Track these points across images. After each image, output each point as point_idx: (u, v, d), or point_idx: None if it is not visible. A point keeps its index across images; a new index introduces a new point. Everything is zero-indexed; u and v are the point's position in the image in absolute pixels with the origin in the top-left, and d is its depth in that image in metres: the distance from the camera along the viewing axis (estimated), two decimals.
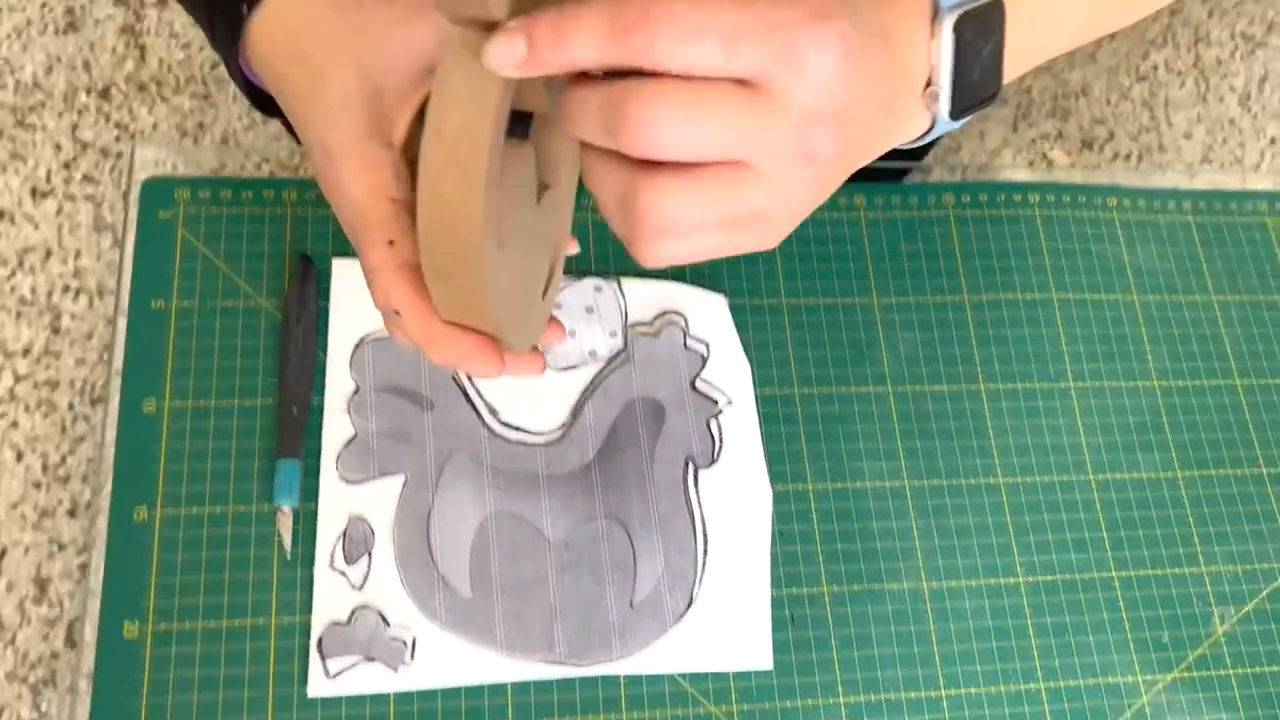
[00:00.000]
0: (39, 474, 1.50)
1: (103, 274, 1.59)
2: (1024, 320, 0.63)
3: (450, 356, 0.39)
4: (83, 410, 1.53)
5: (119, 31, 1.74)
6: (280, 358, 0.55)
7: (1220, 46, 2.04)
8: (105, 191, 1.64)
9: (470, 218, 0.33)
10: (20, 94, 1.69)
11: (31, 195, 1.63)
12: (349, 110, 0.39)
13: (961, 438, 0.60)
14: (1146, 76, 2.00)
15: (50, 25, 1.74)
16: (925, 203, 0.65)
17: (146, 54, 1.74)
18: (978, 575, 0.58)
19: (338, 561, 0.53)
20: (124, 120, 1.69)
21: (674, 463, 0.57)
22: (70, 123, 1.68)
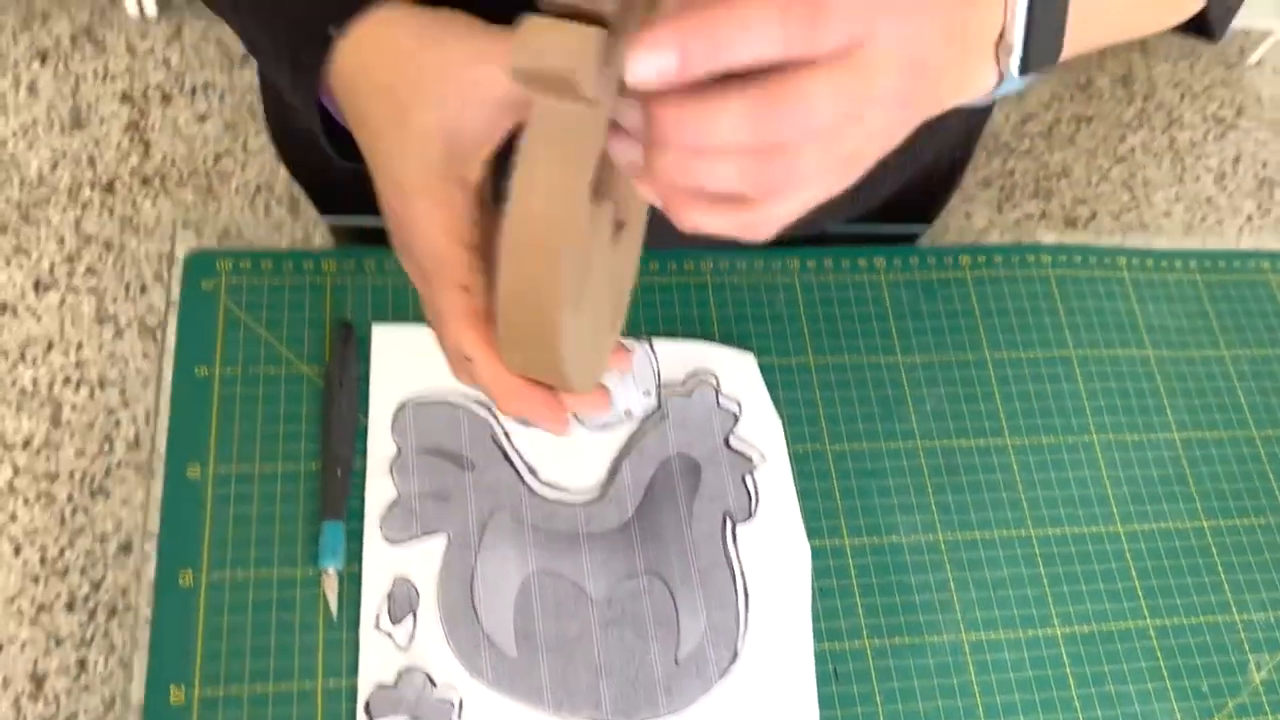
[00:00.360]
0: (37, 567, 1.48)
1: (104, 365, 1.60)
2: (1044, 376, 0.65)
3: (520, 410, 0.39)
4: (82, 502, 1.51)
5: (124, 128, 1.78)
6: (323, 421, 0.56)
7: (1193, 129, 2.11)
8: (108, 284, 1.66)
9: (552, 298, 0.34)
10: (25, 190, 1.71)
11: (34, 288, 1.64)
12: (428, 148, 0.40)
13: (991, 491, 0.61)
14: (1125, 158, 2.06)
15: (56, 123, 1.77)
16: (942, 264, 0.67)
17: (151, 149, 1.77)
18: (1015, 627, 0.58)
19: (383, 622, 0.53)
20: (128, 214, 1.71)
21: (712, 519, 0.57)
22: (74, 217, 1.70)
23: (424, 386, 0.58)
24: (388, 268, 0.61)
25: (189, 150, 1.78)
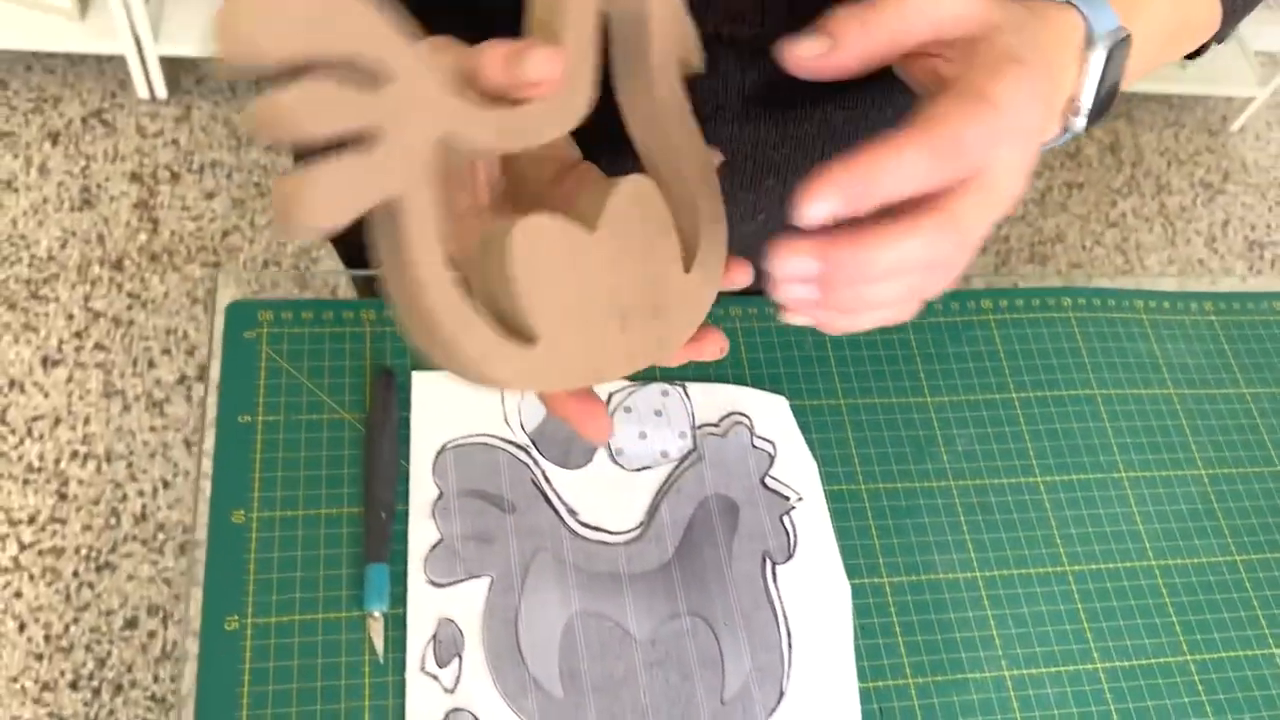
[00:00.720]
0: (41, 645, 1.46)
1: (111, 439, 1.60)
2: (1071, 415, 0.66)
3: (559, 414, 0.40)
4: (87, 578, 1.50)
5: (132, 206, 1.80)
6: (366, 466, 0.56)
7: (1182, 194, 2.16)
8: (116, 359, 1.66)
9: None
10: (34, 267, 1.73)
11: (42, 364, 1.65)
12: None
13: (1026, 528, 0.62)
14: (1116, 223, 2.10)
15: (66, 202, 1.79)
16: (965, 307, 0.68)
17: (159, 226, 1.79)
18: (1056, 662, 0.58)
19: (429, 665, 0.52)
20: (136, 290, 1.73)
21: (751, 558, 0.58)
22: (83, 293, 1.72)
23: (464, 431, 0.59)
24: None
25: (197, 227, 1.80)
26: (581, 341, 0.36)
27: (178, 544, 1.54)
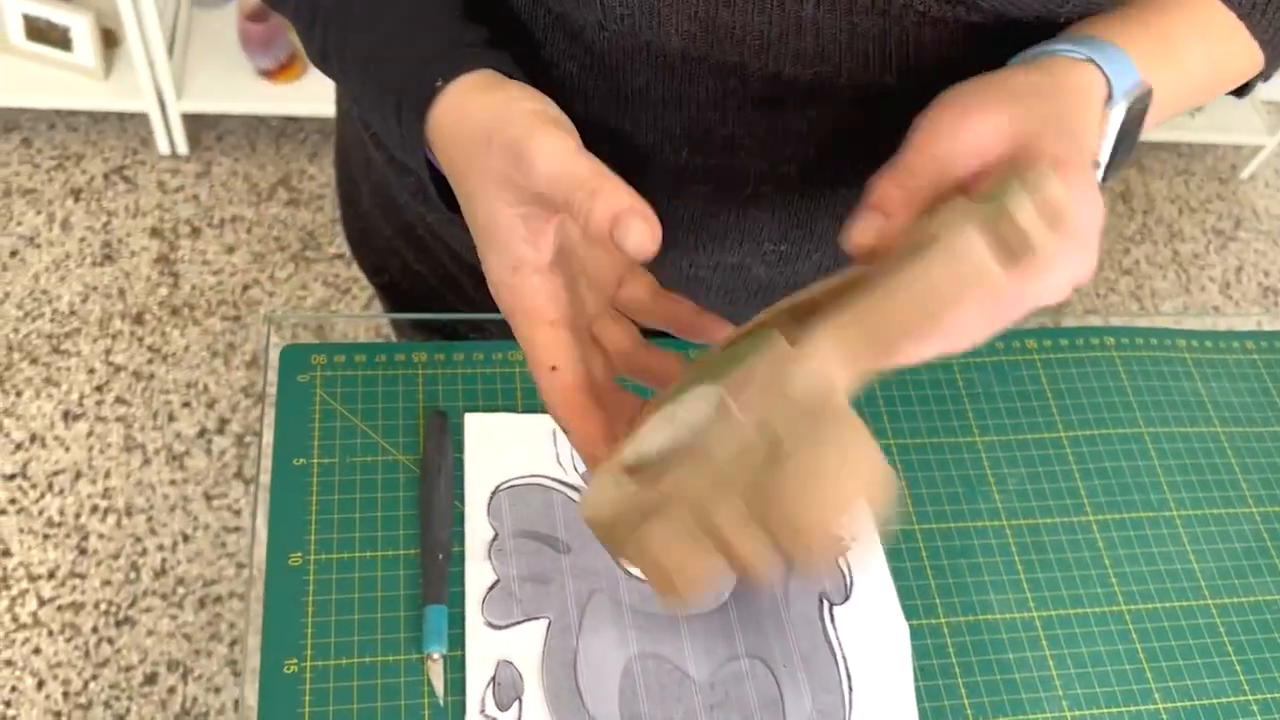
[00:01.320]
0: (59, 702, 1.44)
1: (131, 493, 1.59)
2: (1120, 454, 0.66)
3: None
4: (107, 633, 1.49)
5: (153, 261, 1.82)
6: (422, 507, 0.56)
7: (1195, 241, 2.17)
8: (137, 413, 1.66)
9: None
10: (56, 322, 1.74)
11: (64, 418, 1.65)
12: (496, 224, 0.41)
13: (1080, 567, 0.61)
14: (1130, 270, 2.11)
15: (88, 258, 1.81)
16: (1010, 348, 0.69)
17: (180, 280, 1.80)
18: (1117, 703, 0.57)
19: (489, 708, 0.52)
20: (156, 344, 1.74)
21: (809, 599, 0.57)
22: (104, 347, 1.72)
23: (517, 472, 0.59)
24: (476, 359, 0.62)
25: (217, 281, 1.81)
26: None
27: (198, 598, 1.52)
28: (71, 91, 1.83)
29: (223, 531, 1.58)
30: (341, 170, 0.77)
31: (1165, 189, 2.25)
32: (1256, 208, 2.26)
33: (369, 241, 0.76)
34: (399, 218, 0.71)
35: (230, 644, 1.50)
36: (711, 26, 0.46)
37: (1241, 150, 2.29)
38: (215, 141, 1.97)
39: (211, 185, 1.92)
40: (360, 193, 0.74)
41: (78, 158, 1.93)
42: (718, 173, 0.52)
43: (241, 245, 1.86)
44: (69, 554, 1.54)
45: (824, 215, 0.55)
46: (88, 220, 1.85)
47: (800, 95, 0.49)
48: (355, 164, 0.74)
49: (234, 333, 1.76)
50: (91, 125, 1.96)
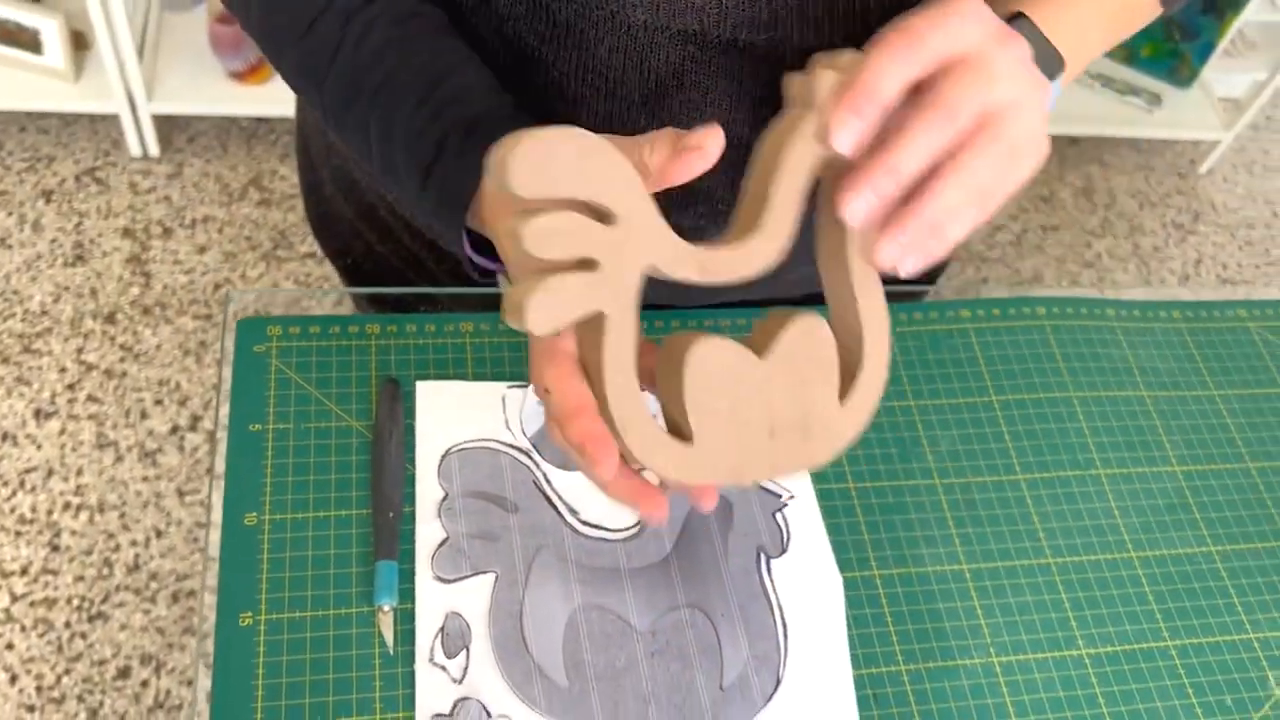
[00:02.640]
0: (33, 696, 1.45)
1: (104, 490, 1.60)
2: (1049, 416, 0.69)
3: (620, 497, 0.45)
4: (80, 628, 1.50)
5: (125, 261, 1.83)
6: (374, 468, 0.59)
7: (1155, 235, 2.22)
8: (109, 411, 1.68)
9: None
10: (27, 322, 1.75)
11: (35, 416, 1.66)
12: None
13: (1009, 523, 0.64)
14: (1092, 263, 2.15)
15: (60, 258, 1.82)
16: (944, 317, 0.71)
17: (151, 280, 1.82)
18: (1043, 649, 0.60)
19: (437, 656, 0.54)
20: (128, 342, 1.75)
21: (746, 553, 0.60)
22: (76, 347, 1.73)
23: (467, 436, 0.61)
24: (428, 330, 0.65)
25: (189, 280, 1.83)
26: (732, 446, 0.43)
27: (170, 593, 1.54)
28: (42, 94, 1.84)
29: (195, 527, 1.60)
30: (303, 158, 0.80)
31: (1126, 184, 2.29)
32: (1215, 201, 2.30)
33: (332, 226, 0.78)
34: (360, 200, 0.73)
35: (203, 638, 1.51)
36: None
37: (1199, 145, 2.34)
38: (186, 143, 1.99)
39: (183, 186, 1.94)
40: (322, 178, 0.76)
41: (49, 160, 1.94)
42: None
43: (213, 245, 1.87)
44: (41, 550, 1.55)
45: None
46: (59, 221, 1.87)
47: (755, 61, 0.52)
48: (316, 151, 0.76)
49: (206, 331, 1.78)
50: (62, 127, 1.97)
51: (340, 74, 0.52)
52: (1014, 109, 0.42)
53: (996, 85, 0.41)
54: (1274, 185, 2.37)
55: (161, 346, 1.75)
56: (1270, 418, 0.72)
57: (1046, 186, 2.25)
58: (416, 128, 0.50)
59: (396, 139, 0.51)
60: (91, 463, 1.63)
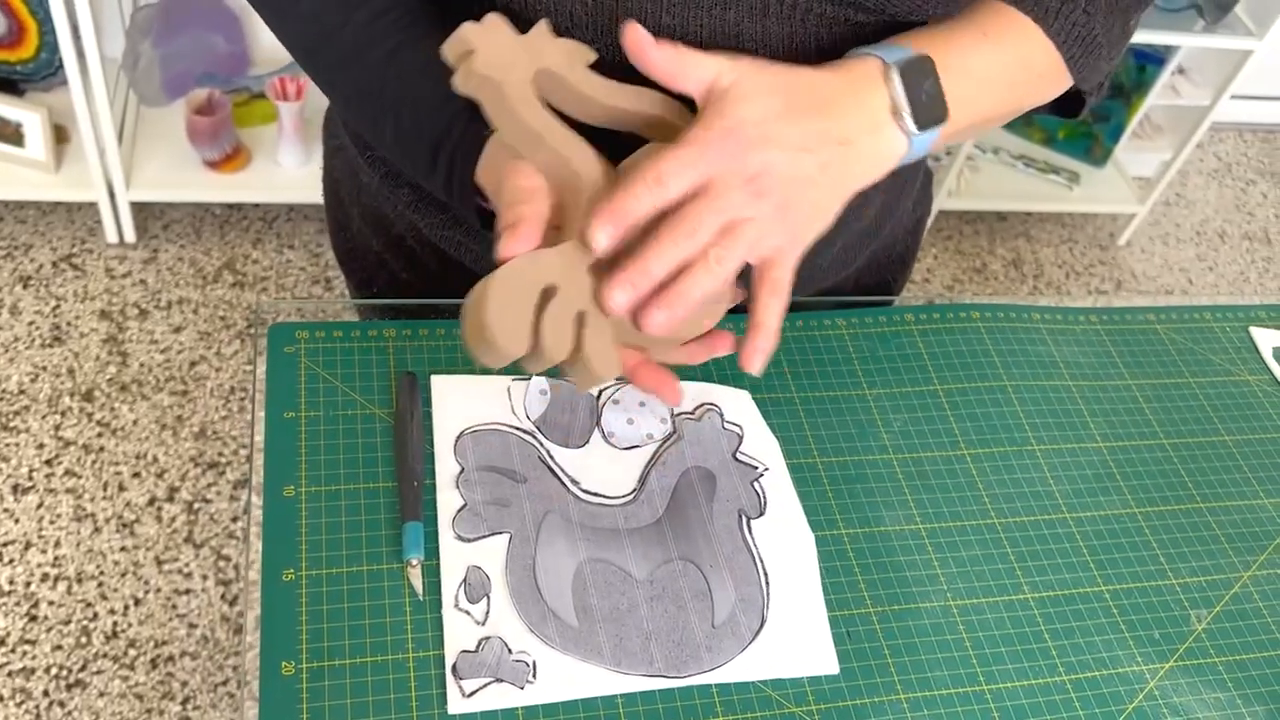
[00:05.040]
0: None
1: (82, 561, 1.63)
2: (987, 402, 0.78)
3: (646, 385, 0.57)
4: (58, 697, 1.51)
5: (102, 342, 1.88)
6: (397, 444, 0.66)
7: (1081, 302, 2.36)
8: (86, 485, 1.71)
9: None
10: (5, 401, 1.79)
11: (13, 492, 1.69)
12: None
13: (958, 490, 0.73)
14: None
15: (37, 340, 1.87)
16: (892, 321, 0.81)
17: (128, 359, 1.87)
18: (993, 594, 0.68)
19: (461, 603, 0.61)
20: (106, 419, 1.79)
21: (729, 515, 0.68)
22: (54, 423, 1.78)
23: (478, 420, 0.69)
24: (439, 334, 0.73)
25: (165, 359, 1.88)
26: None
27: (149, 659, 1.56)
28: (23, 184, 1.92)
29: (174, 594, 1.62)
30: (331, 199, 0.88)
31: (1053, 256, 2.45)
32: (1134, 270, 2.46)
33: (359, 259, 0.86)
34: (389, 233, 0.81)
35: (183, 702, 1.53)
36: (657, 32, 0.58)
37: (1117, 219, 2.51)
38: (161, 230, 2.06)
39: (158, 270, 2.01)
40: (350, 216, 0.85)
41: (26, 247, 2.00)
42: None
43: (188, 325, 1.94)
44: (19, 621, 1.57)
45: None
46: (36, 305, 1.92)
47: None
48: (346, 193, 0.84)
49: (182, 406, 1.83)
50: (40, 217, 2.04)
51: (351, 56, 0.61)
52: (757, 221, 0.52)
53: (737, 208, 0.52)
54: (1187, 254, 2.54)
55: (139, 422, 1.80)
56: (1179, 402, 0.82)
57: (979, 259, 2.40)
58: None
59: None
60: (69, 534, 1.66)
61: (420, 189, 0.74)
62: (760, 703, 0.61)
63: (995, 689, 0.64)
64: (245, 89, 2.02)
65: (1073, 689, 0.65)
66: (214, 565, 1.65)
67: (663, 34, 0.58)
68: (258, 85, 2.02)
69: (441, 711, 0.57)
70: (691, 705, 0.60)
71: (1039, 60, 0.63)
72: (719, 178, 0.51)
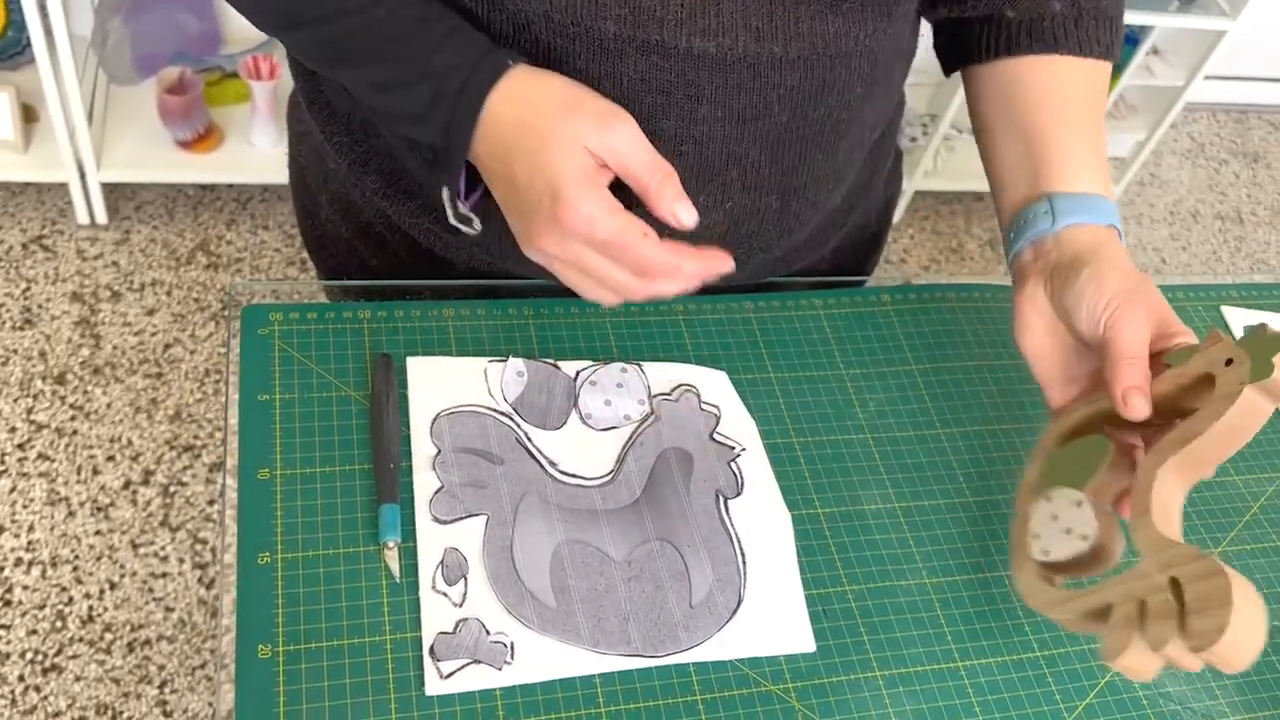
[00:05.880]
0: None
1: (56, 545, 1.62)
2: (961, 381, 0.78)
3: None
4: (33, 681, 1.50)
5: (74, 324, 1.86)
6: (373, 428, 0.66)
7: None
8: (60, 468, 1.70)
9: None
10: None
11: None
12: (576, 156, 0.56)
13: (934, 469, 0.73)
14: None
15: (8, 322, 1.85)
16: (868, 301, 0.81)
17: (101, 342, 1.85)
18: (968, 572, 0.69)
19: (439, 584, 0.61)
20: (79, 402, 1.78)
21: (707, 495, 0.68)
22: (25, 407, 1.76)
23: (454, 401, 0.68)
24: (414, 315, 0.72)
25: (139, 341, 1.87)
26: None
27: (126, 643, 1.55)
28: None
29: (150, 578, 1.62)
30: (298, 188, 0.87)
31: None
32: None
33: (328, 246, 0.86)
34: (358, 219, 0.80)
35: (160, 685, 1.52)
36: (639, 9, 0.58)
37: None
38: (133, 211, 2.04)
39: (131, 252, 1.99)
40: (319, 203, 0.84)
41: None
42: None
43: (162, 307, 1.92)
44: None
45: (732, 167, 0.66)
46: (6, 287, 1.90)
47: (709, 67, 0.61)
48: (313, 179, 0.84)
49: (156, 389, 1.81)
50: (9, 198, 2.02)
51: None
52: None
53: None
54: (1161, 234, 2.56)
55: (112, 405, 1.78)
56: None
57: (955, 239, 2.41)
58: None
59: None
60: (43, 519, 1.64)
61: (389, 175, 0.73)
62: (737, 681, 0.61)
63: (970, 665, 0.65)
64: (218, 68, 2.00)
65: (1046, 665, 0.66)
66: (190, 549, 1.64)
67: (644, 12, 0.58)
68: (230, 64, 1.99)
69: (419, 693, 0.57)
70: (669, 684, 0.60)
71: (1102, 80, 0.70)
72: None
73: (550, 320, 0.74)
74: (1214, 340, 0.59)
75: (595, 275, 0.59)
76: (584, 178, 0.56)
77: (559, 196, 0.56)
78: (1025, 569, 0.63)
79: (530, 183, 0.57)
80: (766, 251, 0.74)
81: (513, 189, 0.58)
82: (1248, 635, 0.51)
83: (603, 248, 0.57)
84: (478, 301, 0.74)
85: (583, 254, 0.58)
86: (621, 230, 0.57)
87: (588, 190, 0.56)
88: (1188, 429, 0.58)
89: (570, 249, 0.58)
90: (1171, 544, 0.56)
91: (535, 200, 0.57)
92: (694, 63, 0.61)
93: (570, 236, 0.57)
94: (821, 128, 0.67)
